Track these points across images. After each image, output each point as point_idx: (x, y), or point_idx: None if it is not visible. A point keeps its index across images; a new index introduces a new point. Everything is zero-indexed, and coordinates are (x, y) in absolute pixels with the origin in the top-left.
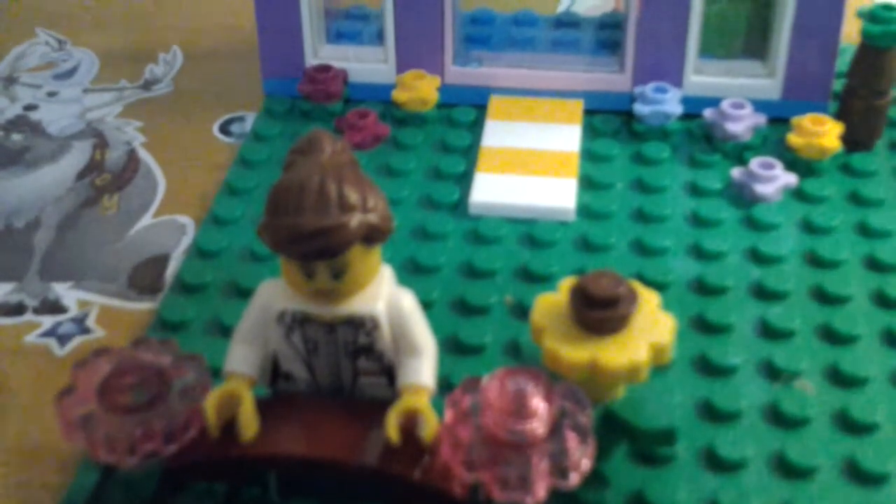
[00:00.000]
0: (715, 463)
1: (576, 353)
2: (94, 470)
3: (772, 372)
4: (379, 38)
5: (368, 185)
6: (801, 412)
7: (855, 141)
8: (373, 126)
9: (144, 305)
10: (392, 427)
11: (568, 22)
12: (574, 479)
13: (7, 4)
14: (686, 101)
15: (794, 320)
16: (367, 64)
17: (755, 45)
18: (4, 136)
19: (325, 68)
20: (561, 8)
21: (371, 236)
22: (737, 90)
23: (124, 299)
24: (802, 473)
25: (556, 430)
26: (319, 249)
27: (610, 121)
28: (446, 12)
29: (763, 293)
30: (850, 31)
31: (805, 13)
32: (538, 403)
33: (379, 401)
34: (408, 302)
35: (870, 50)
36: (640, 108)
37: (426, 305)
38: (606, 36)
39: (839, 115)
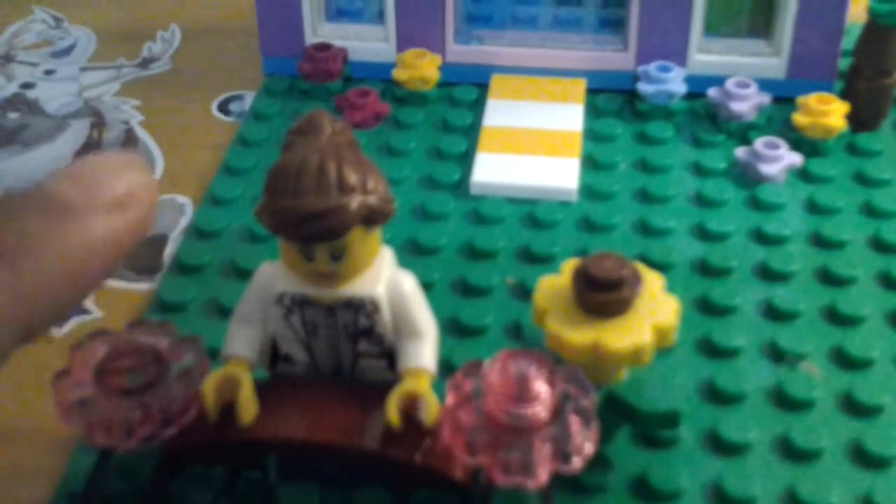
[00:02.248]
0: (719, 446)
1: (578, 335)
2: (91, 453)
3: (776, 354)
4: (379, 15)
5: (368, 167)
6: (806, 394)
7: (861, 120)
8: (373, 105)
9: (142, 286)
10: (392, 411)
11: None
12: (577, 462)
13: None
14: (690, 80)
15: (799, 302)
16: (367, 42)
17: (760, 23)
18: (1, 114)
19: (325, 47)
20: None
21: (371, 218)
22: (741, 69)
23: (122, 280)
24: (807, 456)
25: (558, 413)
26: (318, 232)
27: (613, 100)
28: None
29: (768, 274)
30: (857, 10)
31: None
32: (540, 387)
33: (379, 384)
34: (408, 284)
35: (876, 29)
36: (643, 87)
37: (427, 287)
38: (610, 14)
39: (845, 95)
